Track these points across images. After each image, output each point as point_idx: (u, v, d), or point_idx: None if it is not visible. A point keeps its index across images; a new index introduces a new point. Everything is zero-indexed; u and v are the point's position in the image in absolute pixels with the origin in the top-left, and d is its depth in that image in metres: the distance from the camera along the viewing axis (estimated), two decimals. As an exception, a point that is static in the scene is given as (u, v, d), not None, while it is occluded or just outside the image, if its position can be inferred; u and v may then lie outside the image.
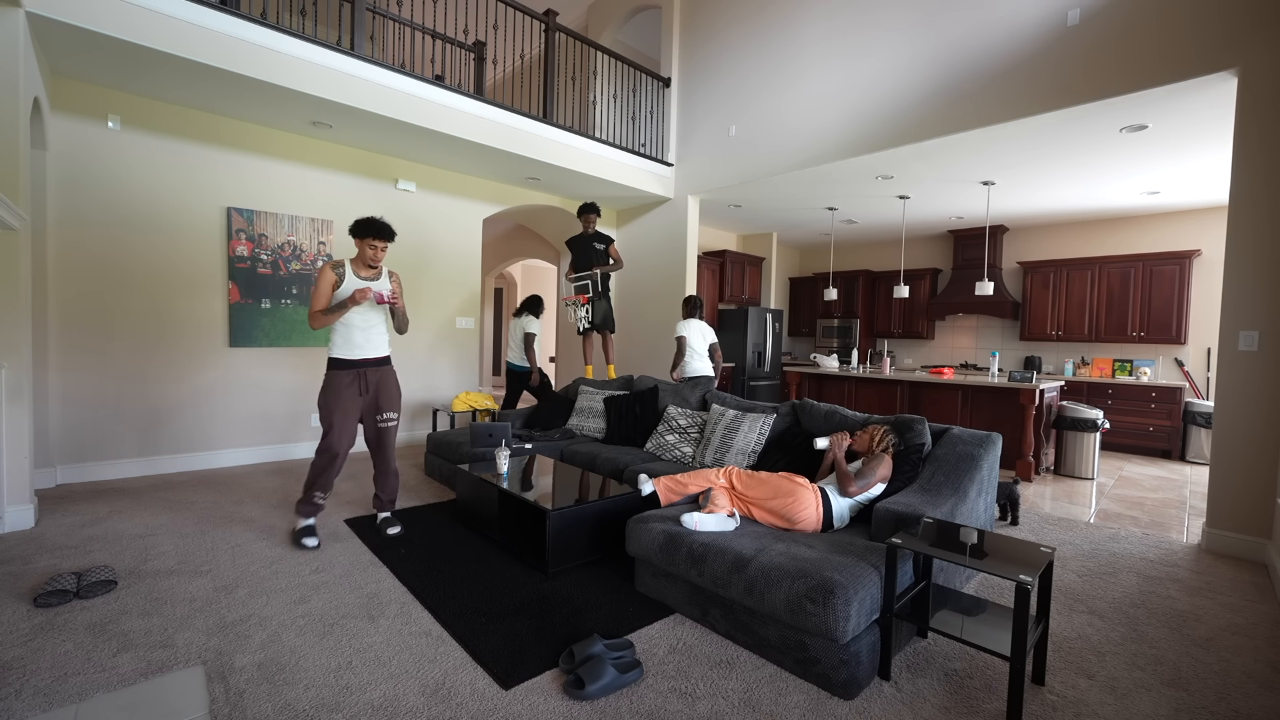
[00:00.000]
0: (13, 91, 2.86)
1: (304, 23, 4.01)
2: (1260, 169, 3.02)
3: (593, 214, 4.94)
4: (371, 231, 2.81)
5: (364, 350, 2.91)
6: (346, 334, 2.87)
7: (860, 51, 4.61)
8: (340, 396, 2.84)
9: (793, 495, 2.36)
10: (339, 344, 2.88)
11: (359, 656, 1.91)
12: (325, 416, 2.84)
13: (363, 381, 2.90)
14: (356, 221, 2.83)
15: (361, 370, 2.90)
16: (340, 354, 2.88)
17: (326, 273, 2.80)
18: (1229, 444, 3.13)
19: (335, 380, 2.85)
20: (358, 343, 2.89)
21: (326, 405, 2.84)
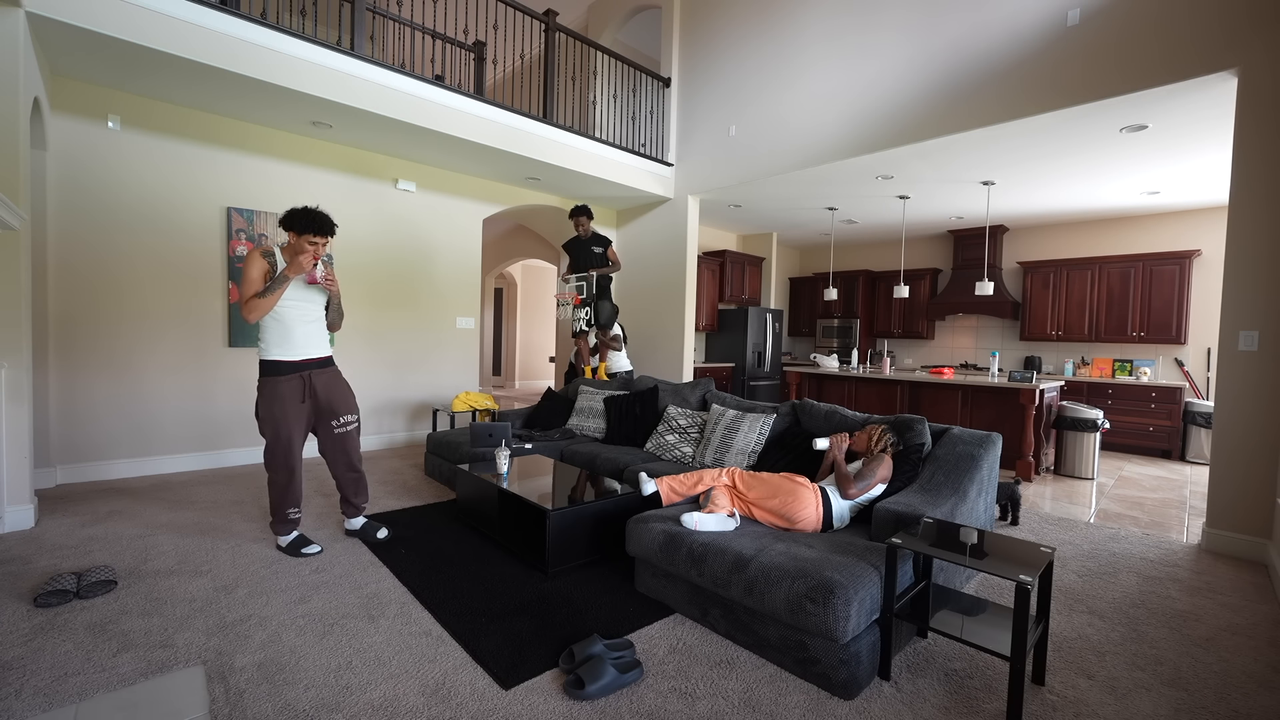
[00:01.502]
0: (13, 91, 2.86)
1: (304, 23, 4.01)
2: (1260, 169, 3.02)
3: (583, 216, 4.94)
4: (312, 226, 2.50)
5: (305, 349, 2.60)
6: (283, 331, 2.54)
7: (860, 51, 4.61)
8: (285, 404, 2.54)
9: (793, 495, 2.36)
10: (275, 342, 2.54)
11: (359, 656, 1.91)
12: (271, 430, 2.54)
13: (307, 386, 2.60)
14: (290, 212, 2.50)
15: (305, 374, 2.59)
16: (278, 354, 2.54)
17: (257, 259, 2.48)
18: (1229, 444, 3.13)
19: (275, 387, 2.52)
20: (297, 341, 2.58)
21: (271, 417, 2.53)
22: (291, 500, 2.65)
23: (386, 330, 5.21)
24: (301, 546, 2.70)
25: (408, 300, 5.34)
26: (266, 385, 2.54)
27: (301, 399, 2.58)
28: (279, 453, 2.57)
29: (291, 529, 2.71)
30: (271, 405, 2.53)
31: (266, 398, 2.54)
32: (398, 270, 5.25)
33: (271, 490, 2.65)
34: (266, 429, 2.55)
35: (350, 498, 2.88)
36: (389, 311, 5.22)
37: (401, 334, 5.32)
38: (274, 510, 2.69)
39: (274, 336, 2.55)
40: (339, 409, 2.71)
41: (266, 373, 2.55)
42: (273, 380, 2.53)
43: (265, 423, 2.54)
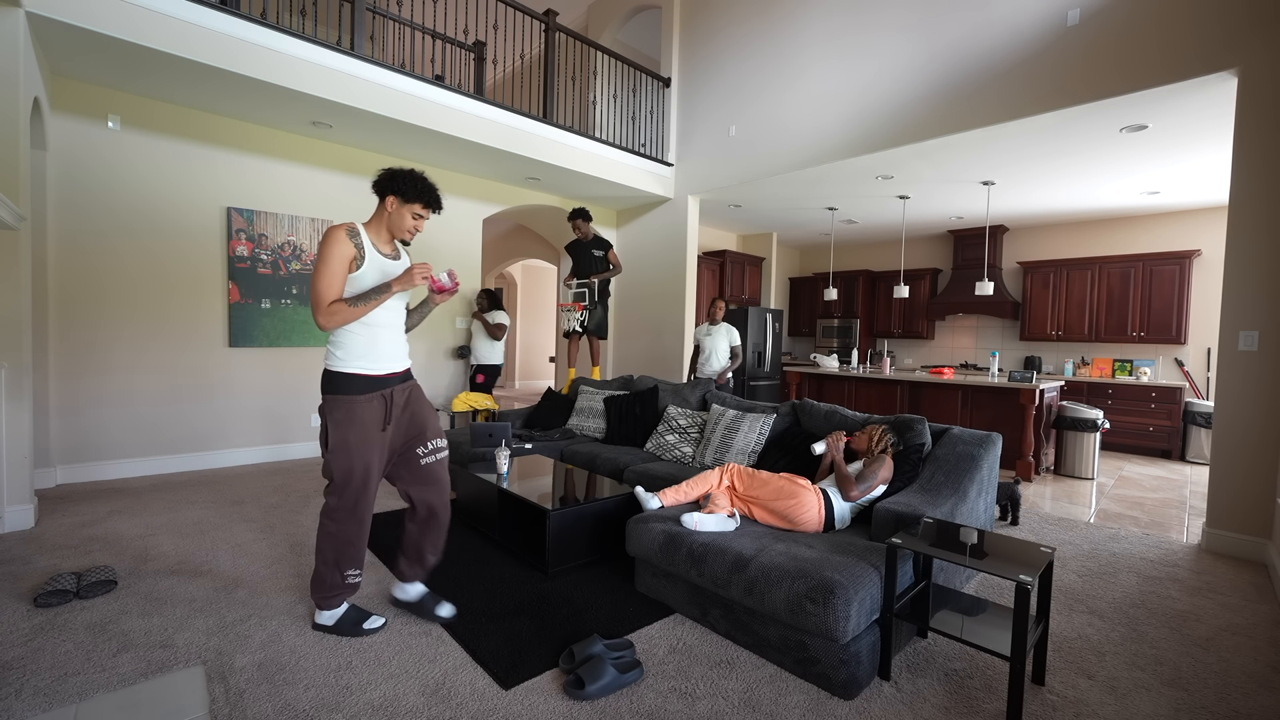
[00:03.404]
0: (13, 91, 2.86)
1: (304, 23, 4.01)
2: (1260, 169, 3.02)
3: (581, 219, 4.95)
4: (424, 194, 1.98)
5: (393, 360, 2.02)
6: (371, 339, 1.96)
7: (860, 51, 4.61)
8: (366, 430, 1.94)
9: (794, 497, 2.35)
10: (359, 352, 1.95)
11: (359, 656, 1.91)
12: (344, 463, 1.93)
13: (389, 407, 2.00)
14: (391, 173, 1.96)
15: (387, 391, 2.00)
16: (360, 367, 1.95)
17: (342, 242, 1.88)
18: (1229, 444, 3.13)
19: (353, 409, 1.93)
20: (385, 351, 1.99)
21: (345, 447, 1.92)
22: (353, 558, 2.02)
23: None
24: (360, 621, 2.03)
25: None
26: (341, 406, 1.93)
27: (384, 424, 1.99)
28: (351, 494, 1.96)
29: (345, 598, 2.05)
30: (347, 431, 1.92)
31: (341, 421, 1.93)
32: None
33: (327, 546, 1.99)
34: (339, 462, 1.93)
35: (423, 552, 2.14)
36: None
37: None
38: (324, 573, 2.00)
39: (358, 345, 1.95)
40: (429, 431, 2.10)
41: (340, 388, 1.94)
42: (350, 400, 1.93)
43: (338, 454, 1.93)
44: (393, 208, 1.97)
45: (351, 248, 1.90)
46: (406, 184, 1.95)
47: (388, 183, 1.96)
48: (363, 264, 1.93)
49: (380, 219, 2.01)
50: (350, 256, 1.90)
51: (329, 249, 1.86)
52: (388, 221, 2.00)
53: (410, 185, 1.95)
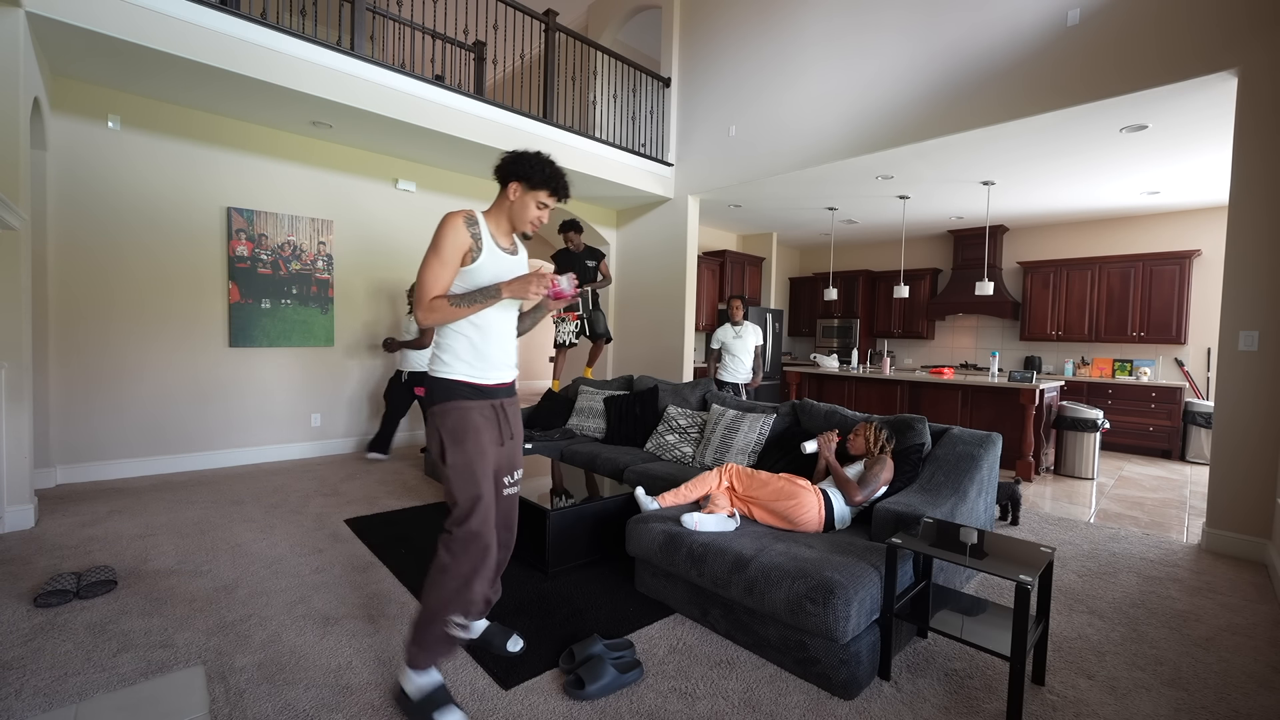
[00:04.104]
0: (13, 91, 2.86)
1: (304, 23, 4.01)
2: (1260, 169, 3.02)
3: (573, 231, 4.90)
4: (553, 180, 1.75)
5: (503, 369, 1.76)
6: (480, 342, 1.70)
7: (860, 51, 4.61)
8: (483, 439, 1.67)
9: (795, 498, 2.35)
10: (466, 357, 1.69)
11: (359, 656, 1.91)
12: (471, 482, 1.62)
13: (501, 420, 1.75)
14: (518, 156, 1.73)
15: (499, 402, 1.75)
16: (467, 374, 1.68)
17: (457, 230, 1.64)
18: (1229, 444, 3.13)
19: (467, 415, 1.66)
20: (496, 357, 1.73)
21: (466, 460, 1.62)
22: (464, 602, 1.63)
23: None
24: (436, 708, 1.57)
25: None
26: (452, 413, 1.65)
27: (500, 438, 1.73)
28: (478, 519, 1.61)
29: (444, 656, 1.66)
30: (464, 440, 1.63)
31: (455, 431, 1.64)
32: (398, 270, 5.25)
33: (440, 584, 1.61)
34: (461, 482, 1.61)
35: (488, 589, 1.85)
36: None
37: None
38: (428, 618, 1.62)
39: (465, 349, 1.69)
40: (517, 458, 1.86)
41: (448, 394, 1.67)
42: (461, 406, 1.66)
43: (459, 471, 1.61)
44: (516, 195, 1.74)
45: (468, 237, 1.65)
46: (533, 168, 1.72)
47: (511, 166, 1.73)
48: (479, 257, 1.67)
49: (501, 208, 1.78)
50: (465, 247, 1.65)
51: (443, 236, 1.62)
52: (509, 211, 1.77)
53: (537, 170, 1.72)
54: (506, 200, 1.76)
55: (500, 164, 1.76)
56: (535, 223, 1.78)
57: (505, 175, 1.74)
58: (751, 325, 4.96)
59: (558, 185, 1.76)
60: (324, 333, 4.81)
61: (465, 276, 1.67)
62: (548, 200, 1.76)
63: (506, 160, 1.75)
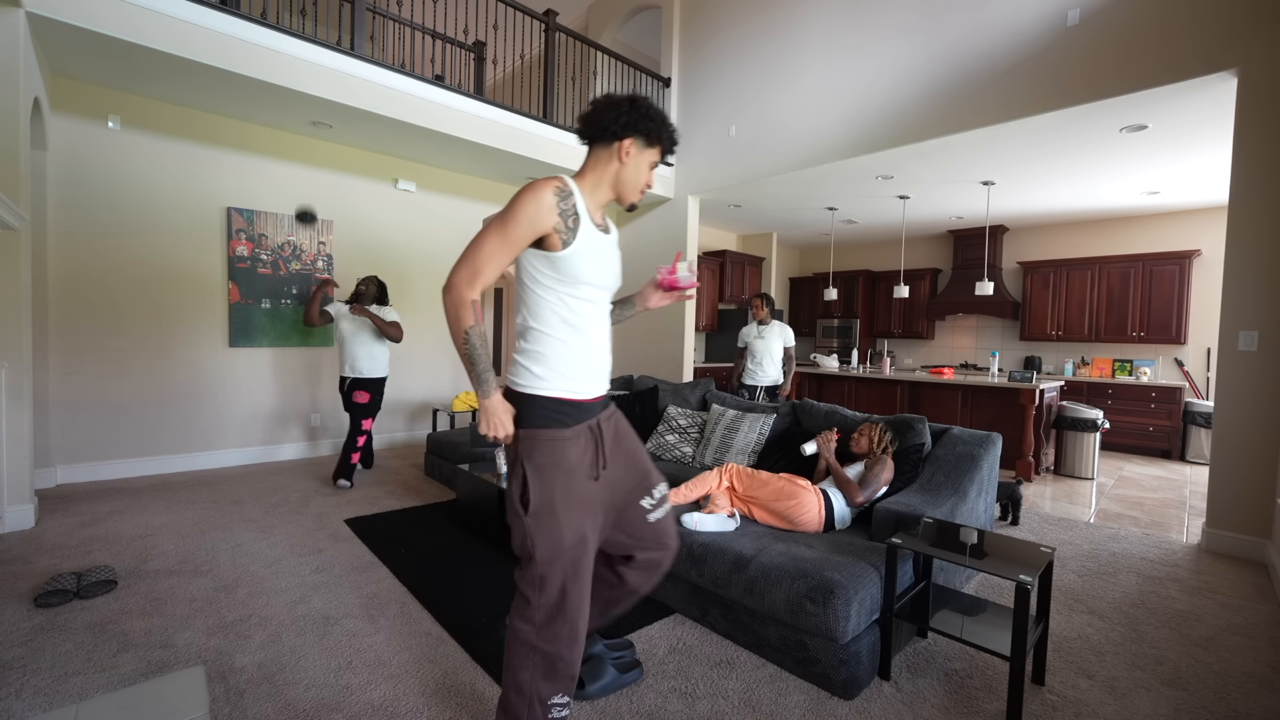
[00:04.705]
0: (13, 91, 2.86)
1: (304, 23, 4.01)
2: (1260, 169, 3.02)
3: None
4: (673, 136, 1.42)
5: (601, 379, 1.42)
6: (580, 346, 1.36)
7: (860, 52, 4.61)
8: (575, 481, 1.32)
9: (795, 499, 2.35)
10: (565, 367, 1.34)
11: (359, 656, 1.91)
12: (553, 534, 1.29)
13: (600, 445, 1.39)
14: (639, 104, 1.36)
15: (595, 421, 1.40)
16: (567, 389, 1.34)
17: (543, 204, 1.26)
18: (1229, 444, 3.13)
19: (560, 451, 1.31)
20: (596, 364, 1.40)
21: (553, 508, 1.28)
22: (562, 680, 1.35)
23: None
24: None
25: (408, 300, 5.34)
26: (544, 446, 1.30)
27: (595, 471, 1.36)
28: (557, 582, 1.30)
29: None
30: (553, 482, 1.29)
31: (545, 468, 1.29)
32: (398, 270, 5.25)
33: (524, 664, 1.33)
34: (543, 532, 1.28)
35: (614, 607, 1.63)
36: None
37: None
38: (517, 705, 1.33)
39: (562, 356, 1.33)
40: (652, 475, 1.53)
41: (539, 420, 1.31)
42: (554, 437, 1.31)
43: (541, 519, 1.28)
44: (630, 155, 1.36)
45: (554, 217, 1.26)
46: (652, 119, 1.36)
47: (629, 116, 1.33)
48: (572, 240, 1.28)
49: (602, 173, 1.38)
50: (548, 229, 1.26)
51: (519, 210, 1.24)
52: (616, 176, 1.38)
53: (658, 120, 1.37)
54: (614, 162, 1.37)
55: (605, 114, 1.35)
56: (644, 190, 1.43)
57: (618, 128, 1.34)
58: (778, 325, 4.76)
59: (674, 141, 1.43)
60: (324, 333, 4.81)
61: (555, 265, 1.29)
62: (657, 160, 1.43)
63: (617, 109, 1.34)
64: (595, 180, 1.39)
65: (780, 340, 4.76)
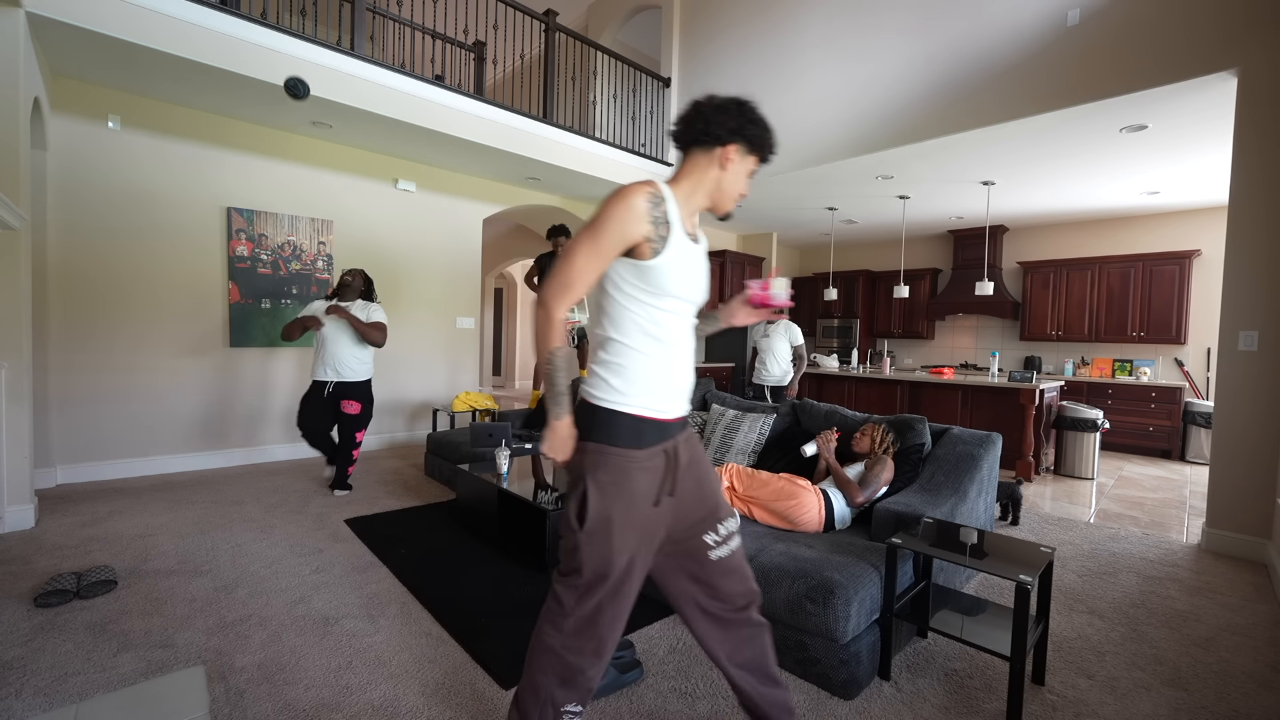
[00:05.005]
0: (13, 91, 2.86)
1: (304, 23, 4.01)
2: (1260, 169, 3.02)
3: (563, 236, 4.97)
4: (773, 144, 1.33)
5: (684, 397, 1.32)
6: (667, 360, 1.26)
7: (860, 52, 4.61)
8: (639, 507, 1.23)
9: (795, 499, 2.35)
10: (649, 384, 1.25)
11: (359, 656, 1.91)
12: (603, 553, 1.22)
13: (673, 469, 1.28)
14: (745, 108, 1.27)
15: (673, 444, 1.30)
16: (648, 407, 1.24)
17: (635, 211, 1.17)
18: (1229, 444, 3.13)
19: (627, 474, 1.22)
20: (680, 382, 1.30)
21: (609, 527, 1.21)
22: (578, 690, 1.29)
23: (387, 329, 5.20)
24: None
25: (408, 300, 5.34)
26: (612, 463, 1.22)
27: (658, 496, 1.26)
28: (595, 598, 1.24)
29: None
30: (613, 502, 1.22)
31: (608, 486, 1.22)
32: (398, 270, 5.25)
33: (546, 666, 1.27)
34: (593, 549, 1.22)
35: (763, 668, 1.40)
36: (389, 311, 5.22)
37: (402, 334, 5.31)
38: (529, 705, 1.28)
39: (647, 371, 1.25)
40: (721, 508, 1.39)
41: (616, 435, 1.23)
42: (624, 456, 1.23)
43: (595, 537, 1.21)
44: (732, 161, 1.27)
45: (647, 225, 1.18)
46: (758, 124, 1.28)
47: (736, 120, 1.25)
48: (663, 249, 1.20)
49: (700, 179, 1.29)
50: (640, 238, 1.18)
51: (609, 218, 1.16)
52: (714, 183, 1.29)
53: (765, 129, 1.29)
54: (713, 168, 1.28)
55: (712, 116, 1.25)
56: (740, 198, 1.34)
57: (724, 133, 1.25)
58: (784, 324, 4.76)
59: (774, 150, 1.34)
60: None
61: (642, 274, 1.20)
62: (755, 169, 1.33)
63: (726, 112, 1.25)
64: (692, 186, 1.30)
65: (786, 340, 4.78)
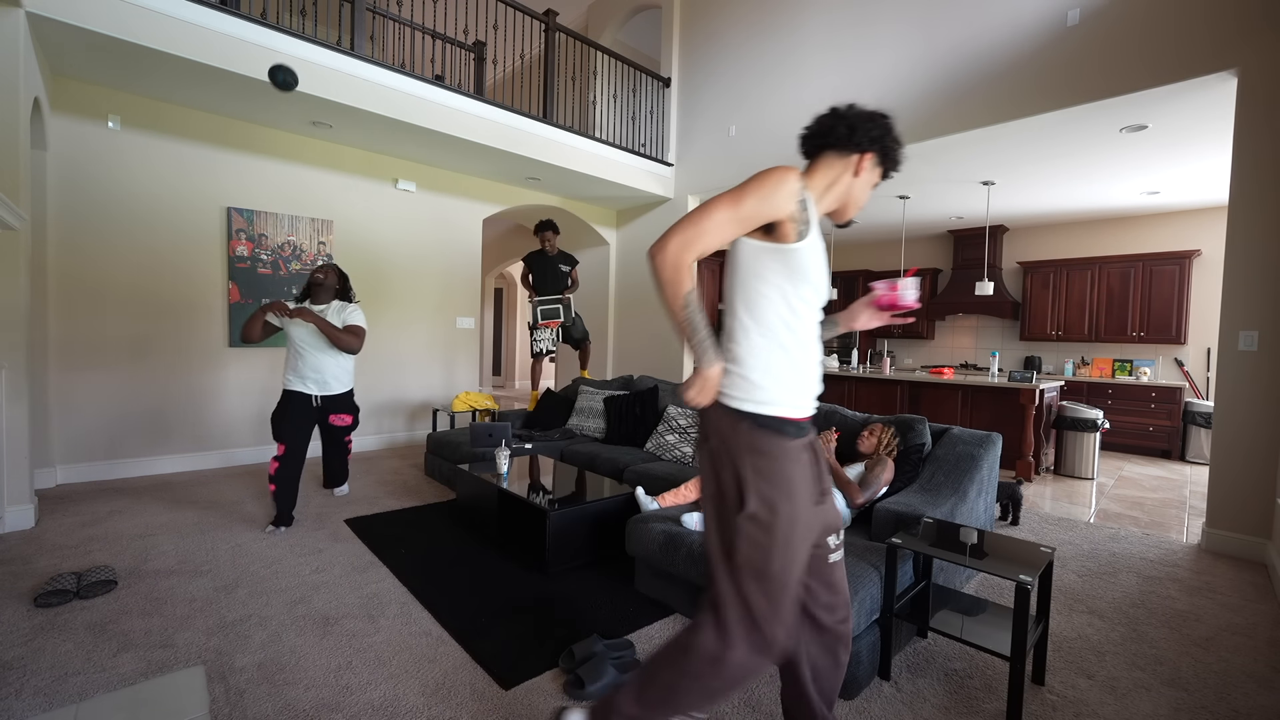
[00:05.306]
0: (13, 91, 2.86)
1: (304, 23, 4.01)
2: (1260, 169, 3.02)
3: (550, 232, 4.98)
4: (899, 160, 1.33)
5: (817, 386, 1.30)
6: (803, 357, 1.24)
7: (860, 51, 4.61)
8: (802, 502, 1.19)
9: (793, 496, 2.35)
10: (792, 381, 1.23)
11: (359, 656, 1.91)
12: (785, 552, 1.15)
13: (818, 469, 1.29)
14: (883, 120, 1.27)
15: (812, 441, 1.29)
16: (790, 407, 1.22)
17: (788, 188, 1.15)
18: (1229, 444, 3.13)
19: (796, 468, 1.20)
20: (813, 378, 1.28)
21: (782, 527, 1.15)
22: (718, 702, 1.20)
23: (387, 330, 5.21)
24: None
25: (408, 300, 5.34)
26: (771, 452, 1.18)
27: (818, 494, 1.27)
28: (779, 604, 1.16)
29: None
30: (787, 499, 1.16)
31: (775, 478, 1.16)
32: (398, 270, 5.25)
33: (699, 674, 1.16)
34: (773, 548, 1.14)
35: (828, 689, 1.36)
36: (389, 311, 5.22)
37: (402, 333, 5.31)
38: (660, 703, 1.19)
39: (786, 369, 1.22)
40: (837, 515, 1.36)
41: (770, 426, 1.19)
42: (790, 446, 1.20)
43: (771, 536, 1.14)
44: (865, 170, 1.28)
45: (794, 205, 1.16)
46: (898, 143, 1.29)
47: (875, 130, 1.25)
48: (807, 235, 1.19)
49: (833, 183, 1.28)
50: (784, 215, 1.16)
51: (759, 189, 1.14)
52: (847, 188, 1.29)
53: (899, 146, 1.30)
54: (847, 174, 1.28)
55: (859, 122, 1.25)
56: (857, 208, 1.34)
57: (866, 140, 1.25)
58: None
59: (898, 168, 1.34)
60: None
61: (786, 259, 1.19)
62: (877, 183, 1.34)
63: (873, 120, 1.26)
64: (825, 187, 1.28)
65: None
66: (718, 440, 1.21)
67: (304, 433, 3.18)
